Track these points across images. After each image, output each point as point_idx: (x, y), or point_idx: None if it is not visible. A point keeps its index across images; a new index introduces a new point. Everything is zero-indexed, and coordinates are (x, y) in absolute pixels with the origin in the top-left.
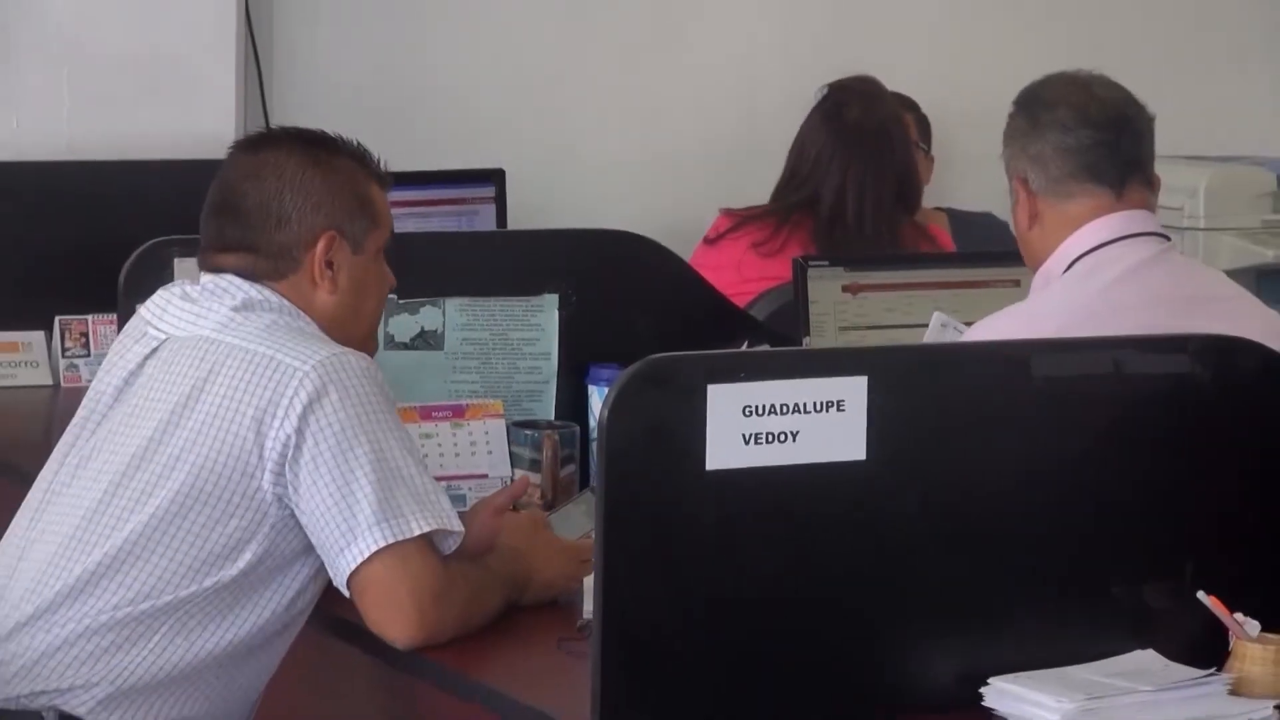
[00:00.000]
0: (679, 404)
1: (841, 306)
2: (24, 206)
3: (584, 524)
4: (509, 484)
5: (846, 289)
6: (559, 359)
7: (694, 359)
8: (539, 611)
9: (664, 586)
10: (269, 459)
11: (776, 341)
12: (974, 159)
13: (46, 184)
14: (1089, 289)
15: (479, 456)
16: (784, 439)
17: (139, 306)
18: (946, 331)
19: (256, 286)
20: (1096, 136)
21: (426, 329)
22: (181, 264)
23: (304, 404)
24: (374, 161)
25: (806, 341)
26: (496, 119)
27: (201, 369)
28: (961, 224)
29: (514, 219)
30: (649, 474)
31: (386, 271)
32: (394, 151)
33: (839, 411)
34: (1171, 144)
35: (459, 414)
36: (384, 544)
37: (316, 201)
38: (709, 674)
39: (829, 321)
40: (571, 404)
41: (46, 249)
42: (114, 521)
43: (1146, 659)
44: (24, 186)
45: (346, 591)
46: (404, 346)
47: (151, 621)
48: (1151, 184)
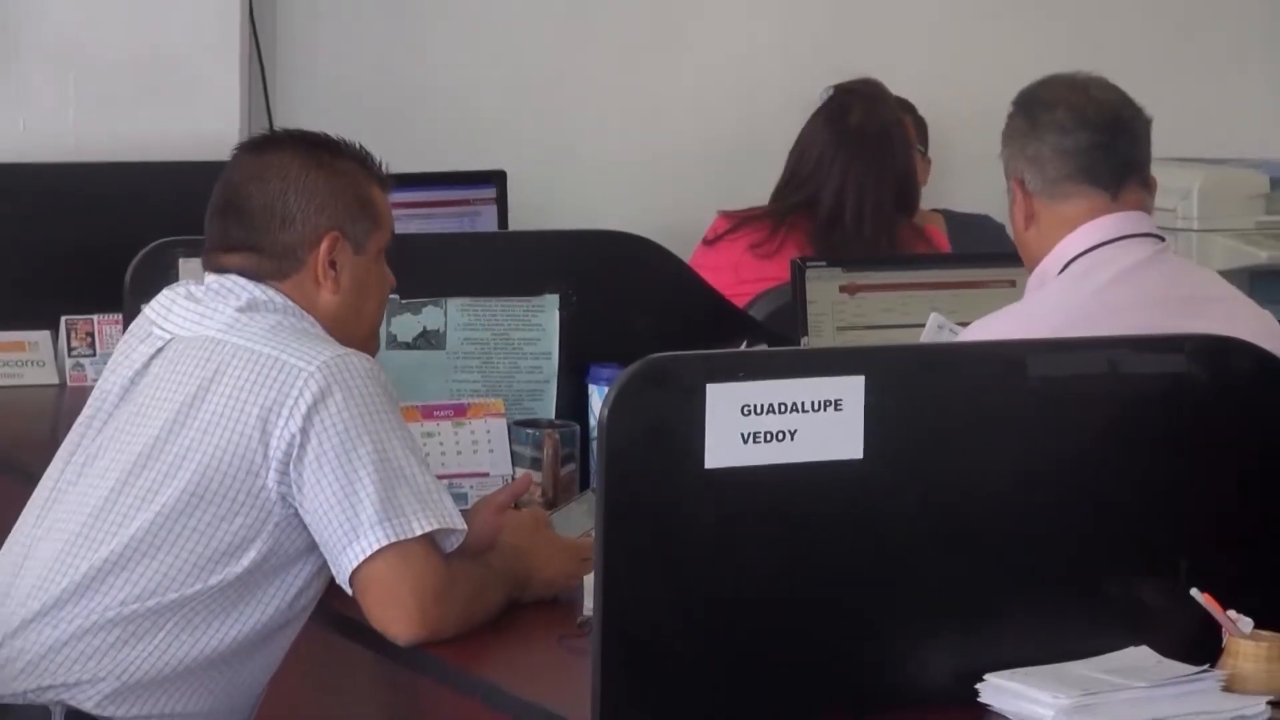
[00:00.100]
0: (678, 403)
1: (839, 307)
2: (30, 207)
3: (585, 523)
4: (510, 482)
5: (844, 289)
6: (559, 359)
7: (693, 359)
8: (540, 609)
9: (663, 583)
10: (274, 458)
11: (775, 341)
12: (972, 161)
13: (52, 185)
14: (1084, 290)
15: (480, 455)
16: (782, 438)
17: (144, 306)
18: (943, 333)
19: (261, 287)
20: (1094, 139)
21: (429, 329)
22: (186, 264)
23: (309, 404)
24: (375, 164)
25: (804, 341)
26: (497, 120)
27: (207, 369)
28: (958, 225)
29: (515, 219)
30: (648, 472)
31: (387, 272)
32: (396, 152)
33: (836, 411)
34: (1166, 146)
35: (461, 413)
36: (386, 542)
37: (320, 203)
38: (708, 670)
39: (827, 321)
40: (572, 403)
41: (52, 249)
42: (120, 519)
43: (1141, 655)
44: (30, 188)
45: (349, 589)
46: (406, 346)
47: (157, 618)
48: (1148, 186)
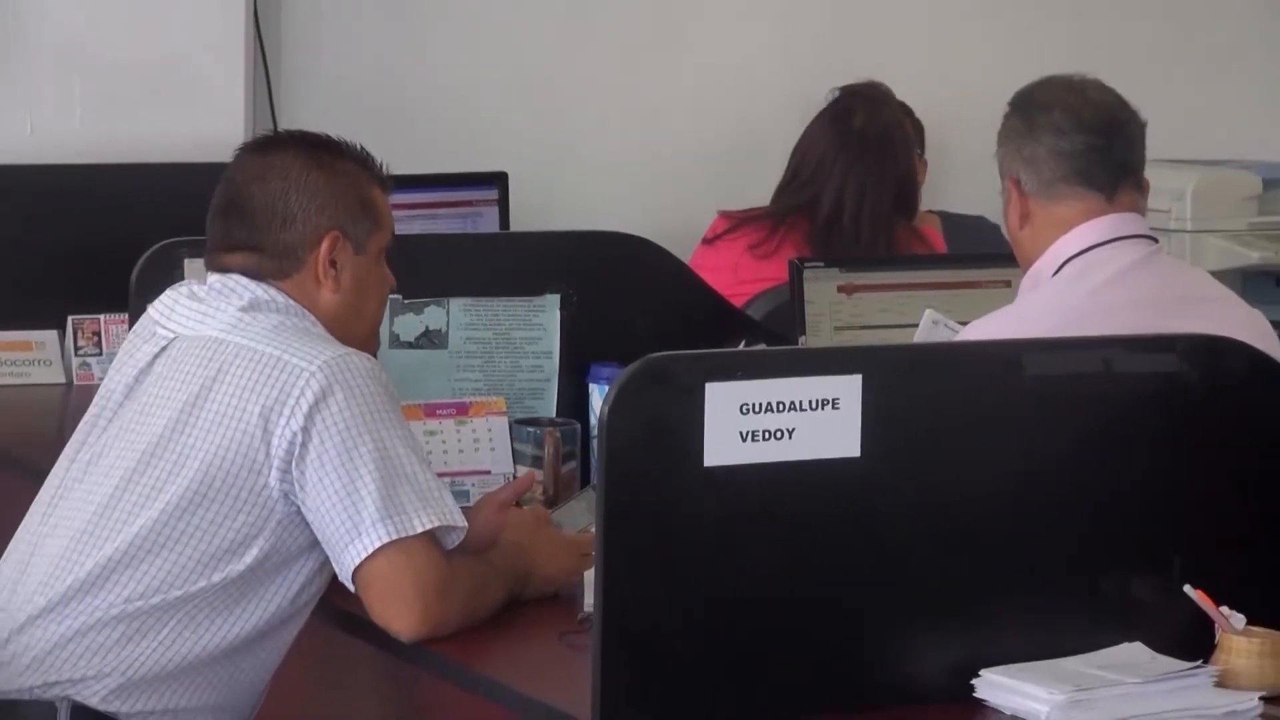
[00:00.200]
0: (678, 402)
1: (837, 307)
2: (37, 209)
3: (585, 519)
4: (512, 480)
5: (842, 289)
6: (560, 358)
7: (692, 358)
8: (540, 605)
9: (663, 579)
10: (276, 456)
11: (773, 341)
12: (969, 162)
13: (59, 186)
14: (1079, 291)
15: (482, 453)
16: (780, 436)
17: (149, 306)
18: (938, 329)
19: (263, 286)
20: (1090, 141)
21: (431, 328)
22: (191, 264)
23: (310, 403)
24: (377, 165)
25: (802, 341)
26: (499, 121)
27: (210, 368)
28: (954, 226)
29: (515, 220)
30: (648, 470)
31: (387, 273)
32: (400, 154)
33: (834, 409)
34: (1160, 147)
35: (463, 411)
36: (388, 539)
37: (321, 203)
38: (707, 665)
39: (824, 321)
40: (572, 402)
41: (59, 250)
42: (125, 517)
43: (1134, 651)
44: (37, 189)
45: (352, 586)
46: (409, 345)
47: (161, 615)
48: (1142, 188)
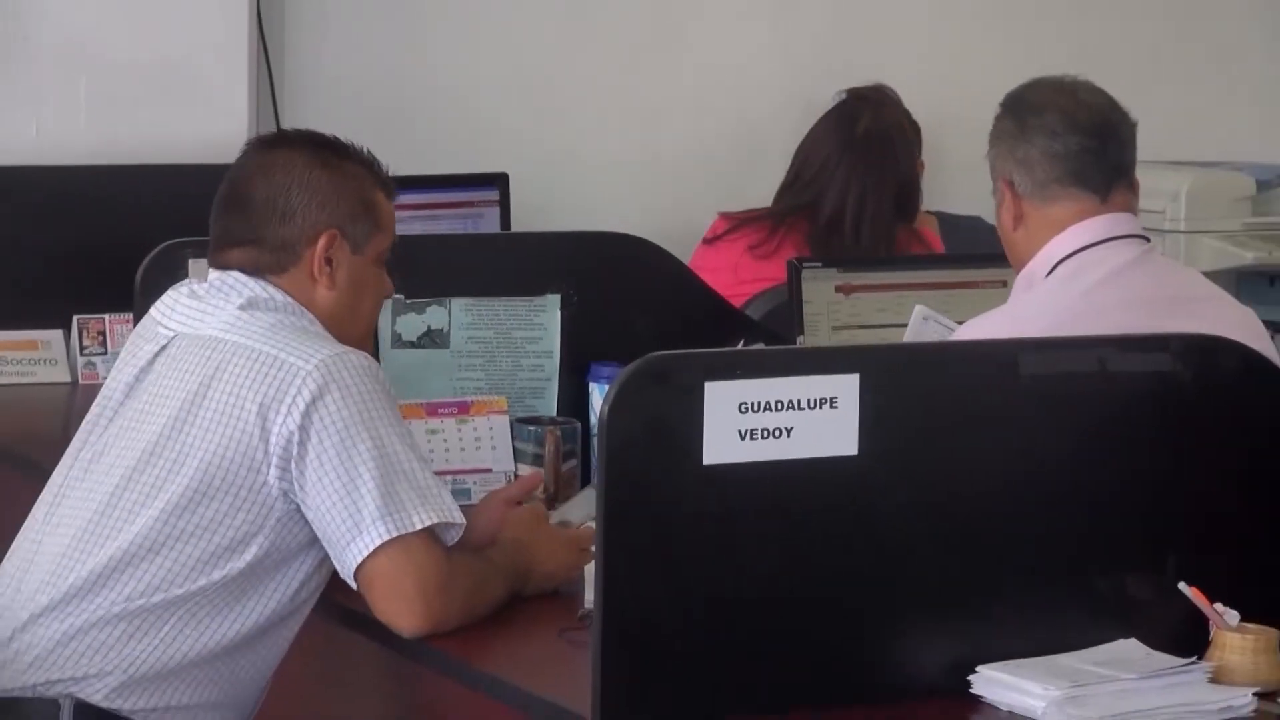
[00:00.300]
0: (677, 401)
1: (835, 306)
2: (43, 209)
3: (586, 516)
4: (514, 479)
5: (839, 289)
6: (561, 357)
7: (692, 357)
8: (541, 602)
9: (662, 576)
10: (274, 453)
11: (771, 340)
12: (966, 163)
13: (65, 187)
14: (1072, 291)
15: (483, 451)
16: (779, 435)
17: (152, 306)
18: (928, 324)
19: (261, 284)
20: (1084, 143)
21: (433, 328)
22: (195, 264)
23: (307, 402)
24: (383, 170)
25: (801, 340)
26: (500, 122)
27: (208, 367)
28: (951, 227)
29: (516, 220)
30: (648, 469)
31: (386, 279)
32: (402, 154)
33: (832, 408)
34: (1154, 149)
35: (464, 410)
36: (388, 537)
37: (321, 200)
38: (705, 661)
39: (822, 321)
40: (573, 401)
41: (65, 250)
42: (125, 515)
43: (1130, 648)
44: (43, 190)
45: (354, 584)
46: (411, 345)
47: (162, 613)
48: (1134, 188)
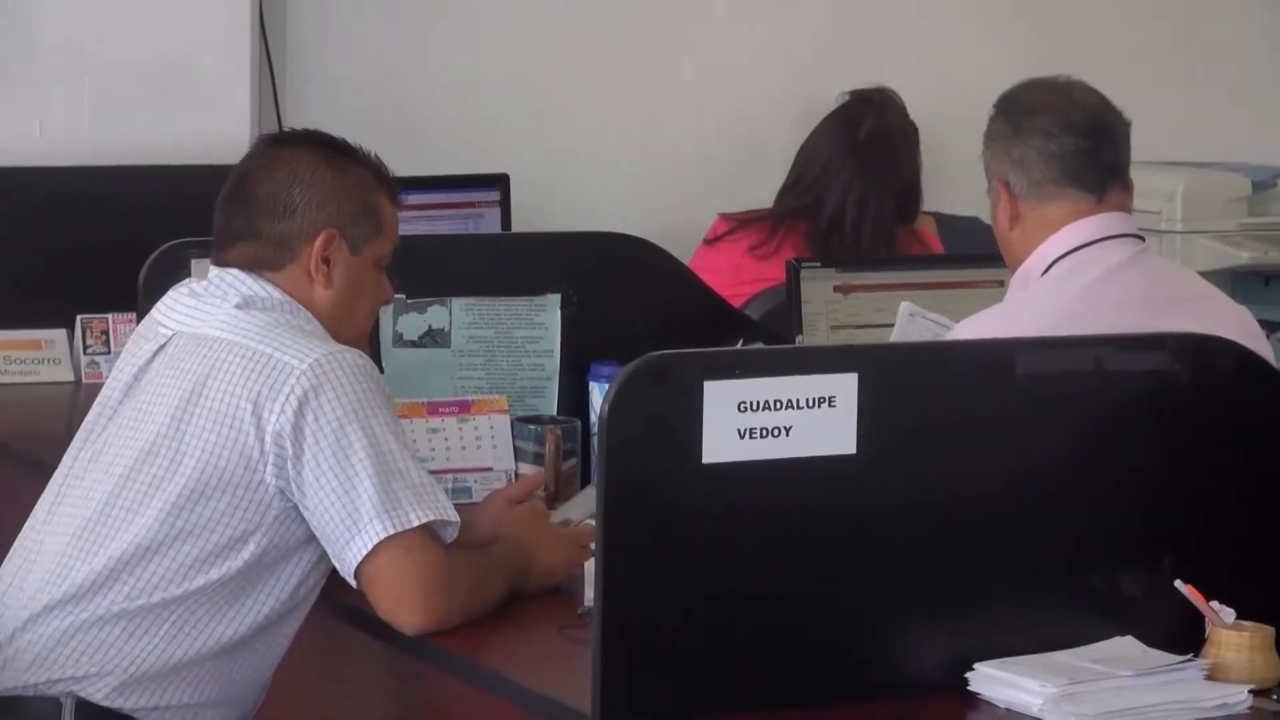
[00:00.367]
0: (677, 400)
1: (833, 306)
2: (47, 210)
3: (586, 514)
4: (515, 477)
5: (838, 289)
6: (561, 357)
7: (691, 357)
8: (541, 599)
9: (662, 574)
10: (269, 450)
11: (770, 340)
12: (964, 163)
13: (69, 188)
14: (1068, 290)
15: (484, 450)
16: (777, 434)
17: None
18: (915, 321)
19: (259, 282)
20: (1079, 143)
21: (434, 327)
22: (198, 265)
23: (299, 400)
24: (389, 175)
25: (799, 340)
26: (500, 123)
27: (204, 366)
28: (949, 227)
29: (516, 221)
30: (648, 467)
31: (385, 284)
32: (403, 155)
33: (830, 407)
34: (1151, 149)
35: (465, 409)
36: (387, 534)
37: (323, 199)
38: (705, 659)
39: (821, 321)
40: (573, 400)
41: (69, 250)
42: (124, 515)
43: (1126, 645)
44: (47, 190)
45: (354, 582)
46: (412, 344)
47: (162, 611)
48: (1128, 187)
